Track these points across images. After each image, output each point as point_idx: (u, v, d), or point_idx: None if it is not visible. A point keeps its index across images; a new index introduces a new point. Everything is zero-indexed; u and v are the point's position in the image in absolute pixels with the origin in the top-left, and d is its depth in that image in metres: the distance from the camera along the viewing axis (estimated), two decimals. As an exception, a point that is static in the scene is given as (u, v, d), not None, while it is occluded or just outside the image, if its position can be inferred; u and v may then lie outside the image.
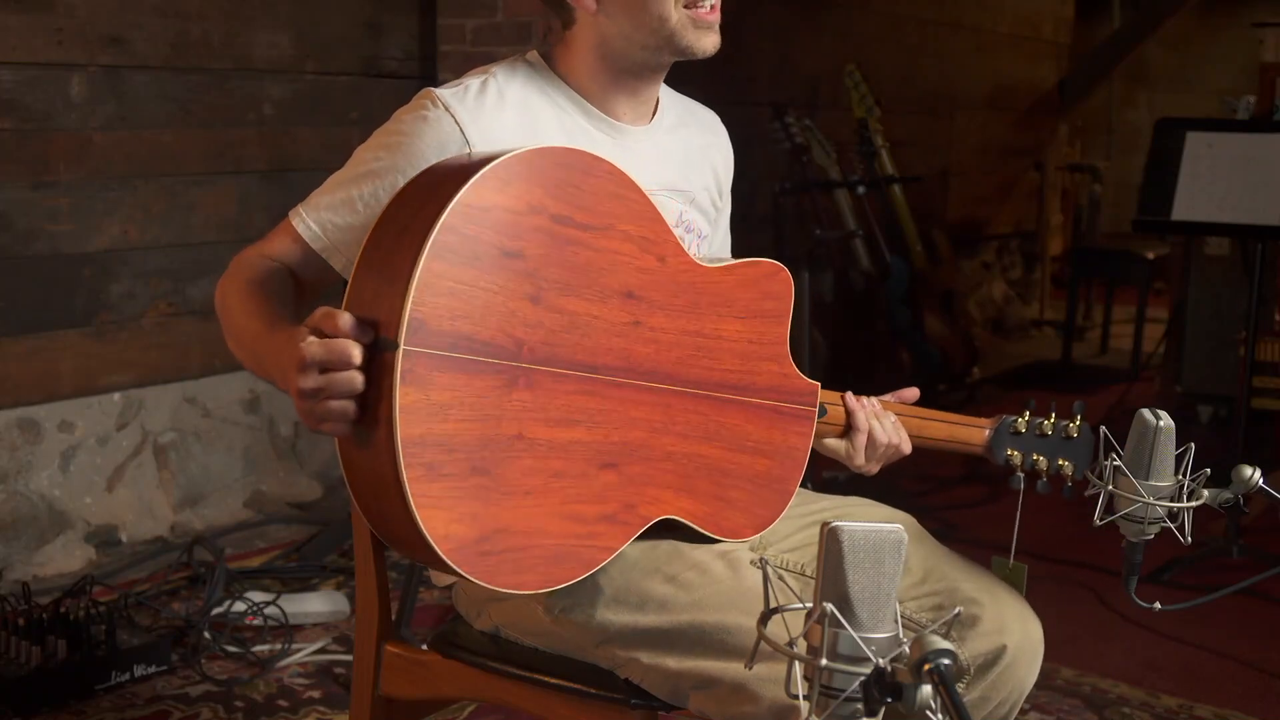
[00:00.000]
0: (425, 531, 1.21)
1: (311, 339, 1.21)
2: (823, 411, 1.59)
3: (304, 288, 1.52)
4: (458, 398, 1.23)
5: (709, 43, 1.53)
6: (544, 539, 1.31)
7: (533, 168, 1.30)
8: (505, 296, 1.26)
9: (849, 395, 1.62)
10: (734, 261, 1.50)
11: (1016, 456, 1.67)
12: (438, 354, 1.21)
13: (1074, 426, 1.66)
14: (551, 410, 1.31)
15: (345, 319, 1.20)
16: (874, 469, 1.65)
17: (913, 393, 1.70)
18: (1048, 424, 1.67)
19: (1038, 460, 1.66)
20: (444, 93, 1.49)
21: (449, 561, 1.23)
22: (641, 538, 1.43)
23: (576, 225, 1.33)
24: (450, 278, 1.22)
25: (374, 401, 1.20)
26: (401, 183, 1.42)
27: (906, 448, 1.64)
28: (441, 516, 1.22)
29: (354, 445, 1.25)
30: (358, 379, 1.20)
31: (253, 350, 1.40)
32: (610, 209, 1.36)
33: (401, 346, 1.18)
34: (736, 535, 1.52)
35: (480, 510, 1.26)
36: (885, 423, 1.62)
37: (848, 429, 1.62)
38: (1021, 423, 1.67)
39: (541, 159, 1.31)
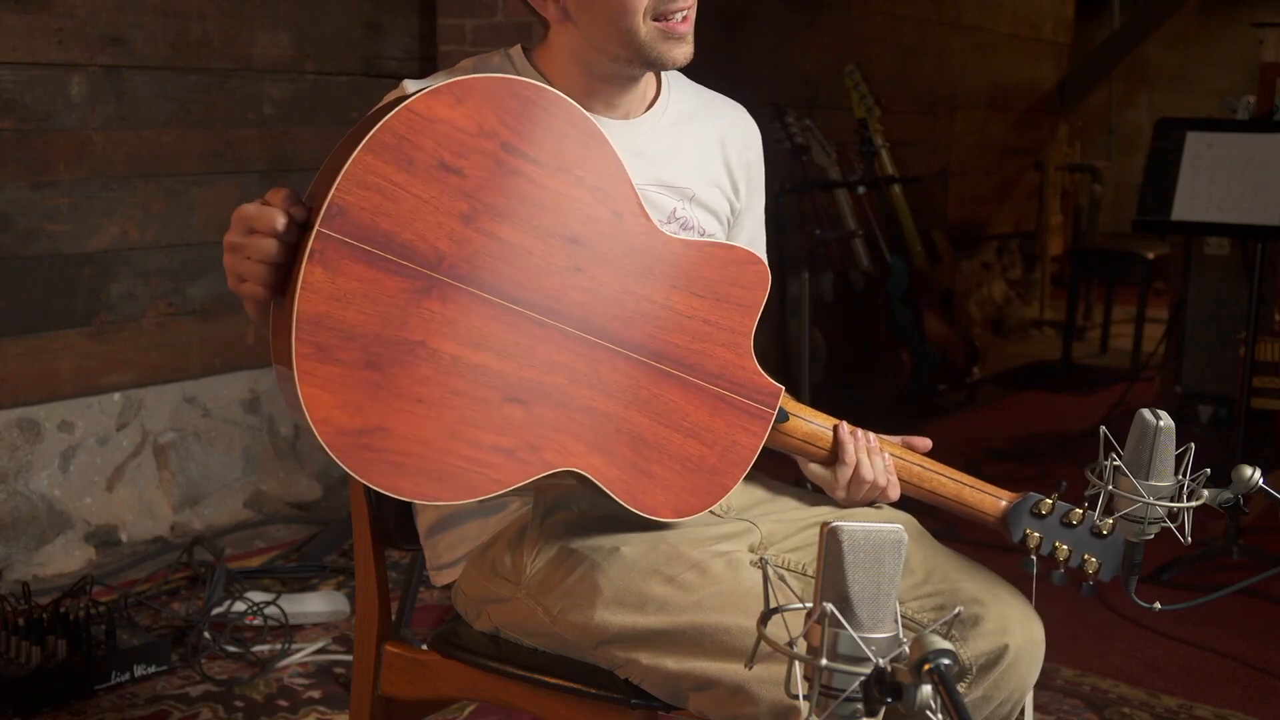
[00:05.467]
0: (305, 409, 1.23)
1: (253, 203, 1.27)
2: (783, 416, 1.53)
3: None
4: (364, 290, 1.25)
5: (680, 54, 1.50)
6: (428, 450, 1.30)
7: (492, 93, 1.30)
8: (434, 208, 1.28)
9: (843, 426, 1.57)
10: (704, 240, 1.48)
11: (1035, 539, 1.54)
12: (350, 243, 1.24)
13: (1107, 524, 1.51)
14: (463, 329, 1.31)
15: (283, 192, 1.26)
16: (855, 504, 1.59)
17: (924, 443, 1.62)
18: (1077, 513, 1.54)
19: (1059, 549, 1.54)
20: (414, 85, 1.50)
21: (325, 445, 1.25)
22: (552, 487, 1.43)
23: (528, 159, 1.33)
24: (380, 174, 1.24)
25: (292, 276, 1.24)
26: None
27: (894, 494, 1.57)
28: (326, 399, 1.24)
29: (276, 313, 1.29)
30: (272, 246, 1.24)
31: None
32: (568, 151, 1.36)
33: (316, 227, 1.22)
34: (653, 513, 1.46)
35: (366, 404, 1.26)
36: (877, 462, 1.56)
37: (835, 460, 1.56)
38: (1047, 504, 1.55)
39: (504, 88, 1.32)
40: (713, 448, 1.48)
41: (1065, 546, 1.54)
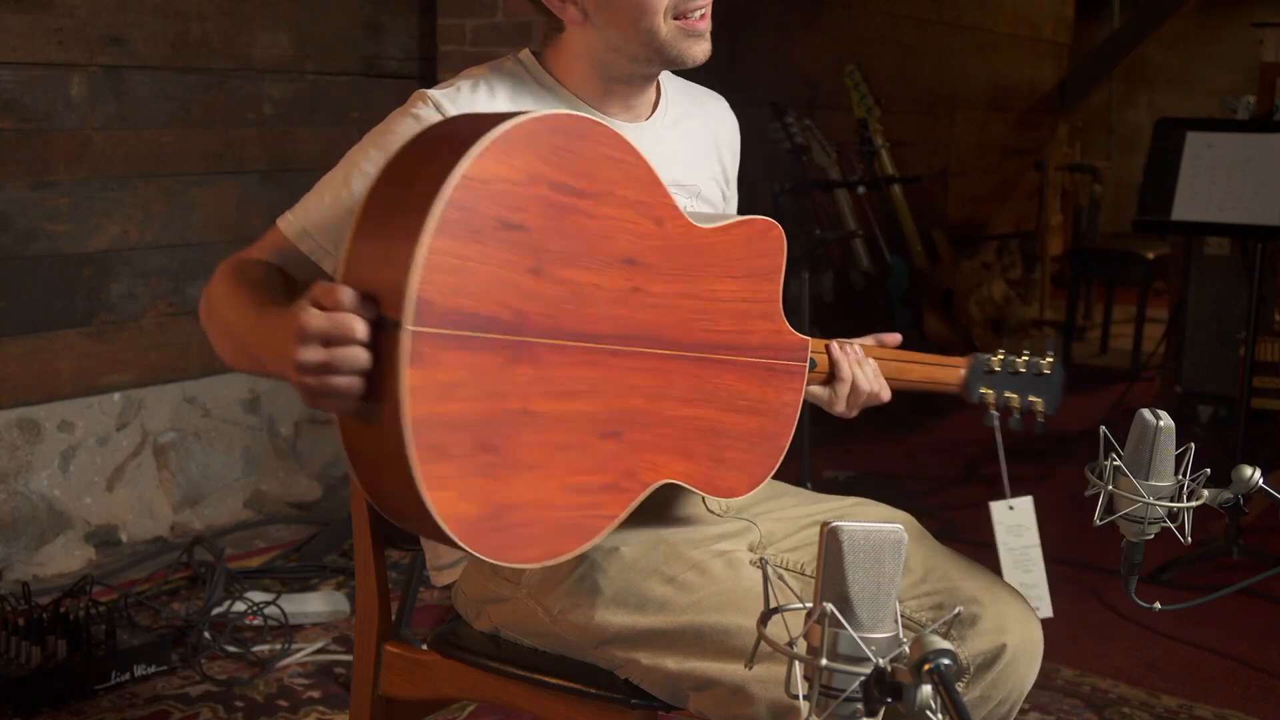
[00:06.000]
0: (434, 513, 1.19)
1: (313, 310, 1.17)
2: (813, 365, 1.60)
3: (292, 290, 1.47)
4: (463, 376, 1.20)
5: (699, 51, 1.52)
6: (548, 511, 1.29)
7: (533, 136, 1.26)
8: (507, 270, 1.23)
9: (834, 344, 1.63)
10: (729, 220, 1.48)
11: (990, 395, 1.74)
12: (442, 333, 1.18)
13: (1046, 363, 1.74)
14: (554, 382, 1.29)
15: (347, 293, 1.17)
16: (853, 414, 1.67)
17: (894, 338, 1.72)
18: (1020, 361, 1.74)
19: (1010, 398, 1.74)
20: (436, 93, 1.50)
21: (458, 541, 1.21)
22: (641, 505, 1.41)
23: (576, 193, 1.30)
24: (453, 254, 1.18)
25: (378, 380, 1.18)
26: None
27: (886, 395, 1.66)
28: (450, 496, 1.20)
29: (355, 421, 1.22)
30: (363, 355, 1.16)
31: (242, 342, 1.36)
32: (609, 174, 1.33)
33: (407, 327, 1.15)
34: (732, 494, 1.51)
35: (487, 487, 1.24)
36: (867, 370, 1.64)
37: (831, 377, 1.63)
38: (996, 361, 1.74)
39: (542, 126, 1.27)
40: (767, 415, 1.53)
41: (1014, 395, 1.75)
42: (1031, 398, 1.75)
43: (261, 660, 2.64)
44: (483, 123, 1.25)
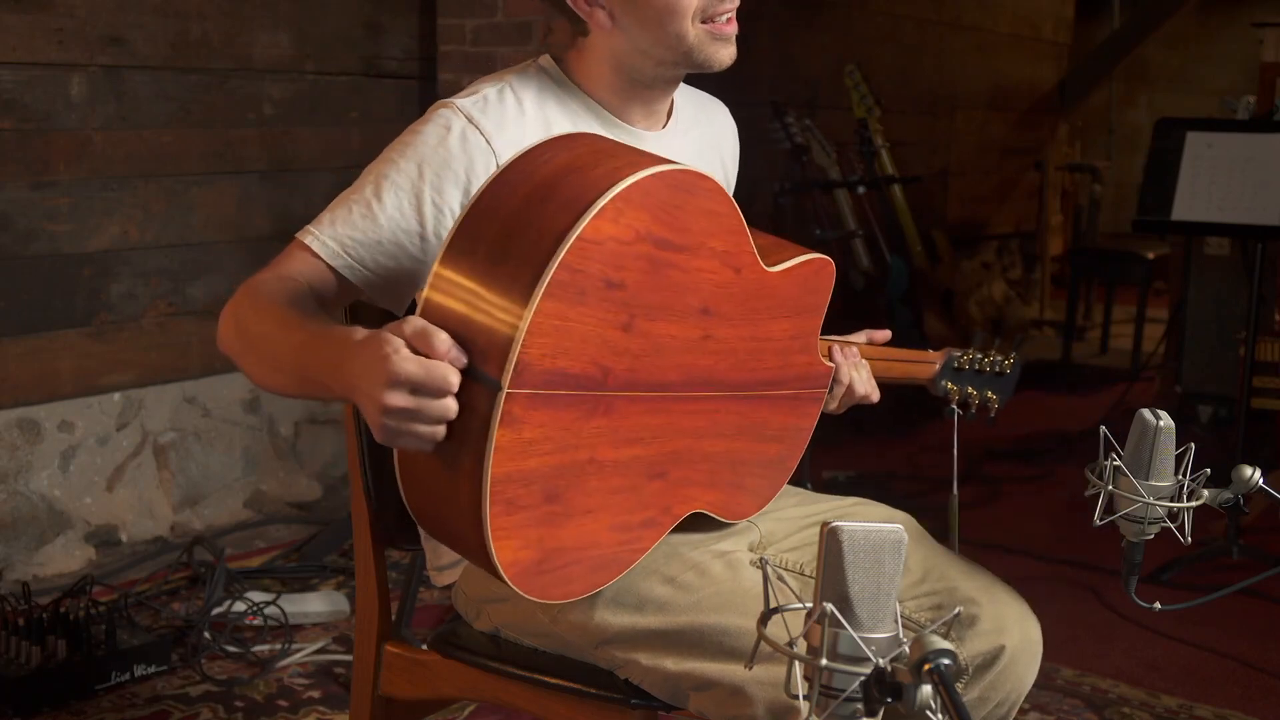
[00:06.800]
0: (496, 560, 1.20)
1: (406, 353, 1.14)
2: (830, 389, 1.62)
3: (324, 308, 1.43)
4: (545, 433, 1.20)
5: (726, 55, 1.51)
6: (593, 551, 1.31)
7: (648, 193, 1.22)
8: (601, 327, 1.22)
9: (836, 348, 1.63)
10: (794, 262, 1.47)
11: (954, 391, 1.82)
12: (534, 393, 1.17)
13: (1007, 363, 1.82)
14: (621, 432, 1.29)
15: (443, 342, 1.15)
16: (840, 412, 1.69)
17: (883, 334, 1.74)
18: (986, 360, 1.82)
19: (971, 393, 1.82)
20: (464, 103, 1.47)
21: (511, 585, 1.23)
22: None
23: (673, 247, 1.28)
24: (557, 316, 1.17)
25: (460, 428, 1.16)
26: (429, 195, 1.41)
27: (875, 396, 1.68)
28: (512, 544, 1.21)
29: (424, 455, 1.21)
30: (453, 407, 1.15)
31: (295, 363, 1.29)
32: (704, 227, 1.31)
33: (505, 390, 1.14)
34: (744, 515, 1.54)
35: (546, 534, 1.25)
36: (863, 374, 1.66)
37: (831, 381, 1.64)
38: (965, 359, 1.82)
39: (659, 182, 1.24)
40: (785, 441, 1.55)
41: (973, 390, 1.83)
42: (989, 394, 1.83)
43: (261, 660, 2.64)
44: (601, 169, 1.21)
